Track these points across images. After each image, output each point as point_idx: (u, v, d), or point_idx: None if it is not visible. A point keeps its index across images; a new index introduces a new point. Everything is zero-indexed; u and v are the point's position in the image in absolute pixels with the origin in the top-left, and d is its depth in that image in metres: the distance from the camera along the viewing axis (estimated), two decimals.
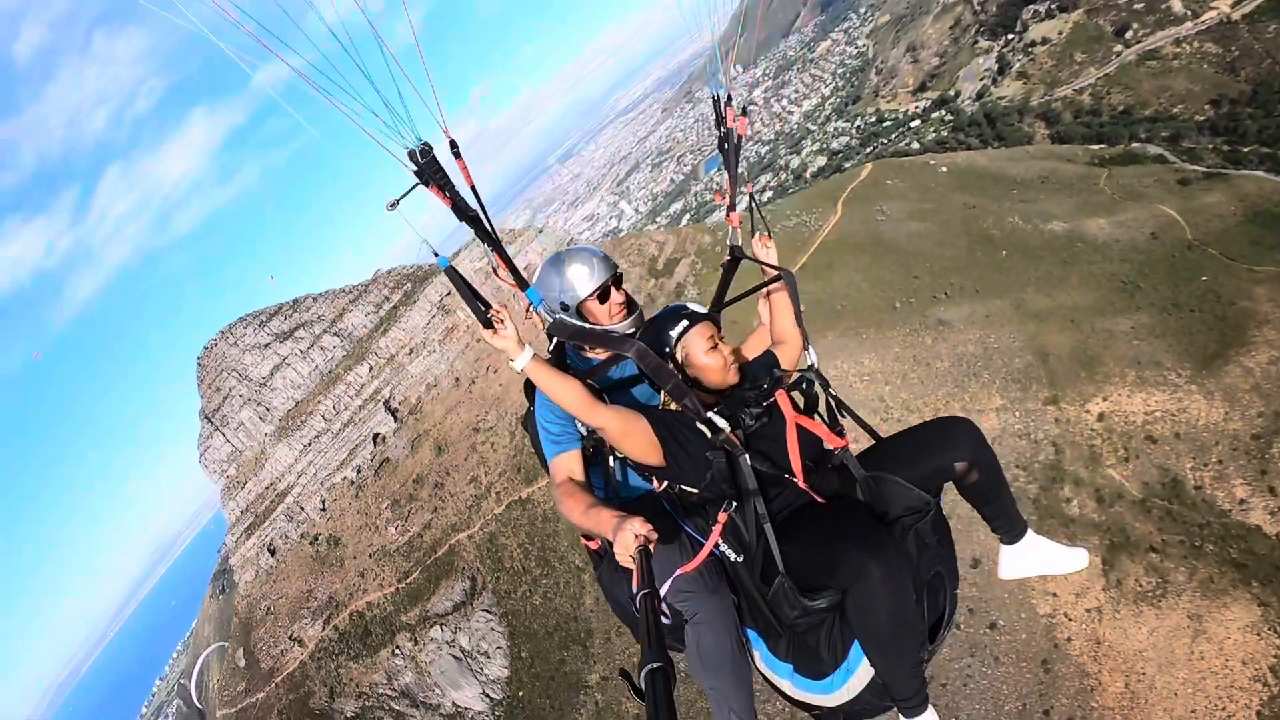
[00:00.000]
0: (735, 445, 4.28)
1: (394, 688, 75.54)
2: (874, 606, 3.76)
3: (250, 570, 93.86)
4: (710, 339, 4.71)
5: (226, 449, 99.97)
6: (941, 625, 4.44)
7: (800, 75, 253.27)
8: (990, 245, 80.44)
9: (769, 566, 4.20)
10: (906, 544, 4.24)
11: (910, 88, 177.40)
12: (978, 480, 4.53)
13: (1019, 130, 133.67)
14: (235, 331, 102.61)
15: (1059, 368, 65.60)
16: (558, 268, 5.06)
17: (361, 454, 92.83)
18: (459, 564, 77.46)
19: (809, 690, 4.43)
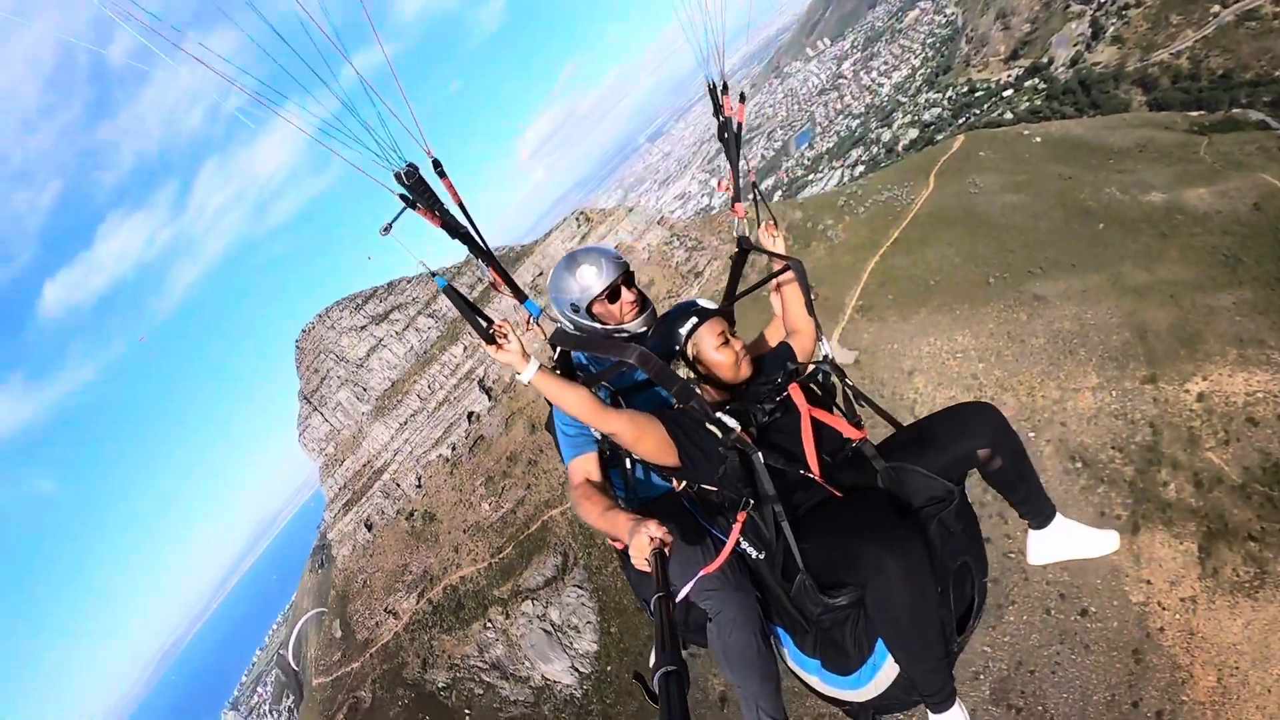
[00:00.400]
0: (747, 444, 4.30)
1: (485, 660, 76.90)
2: (893, 602, 3.75)
3: (348, 545, 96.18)
4: (721, 335, 4.76)
5: (325, 428, 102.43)
6: (971, 615, 4.46)
7: (889, 46, 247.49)
8: (1087, 217, 77.80)
9: (789, 564, 4.23)
10: (930, 534, 4.18)
11: (1002, 56, 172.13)
12: (1001, 466, 4.48)
13: (1115, 97, 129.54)
14: (332, 315, 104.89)
15: (1157, 345, 63.15)
16: (568, 269, 5.18)
17: (456, 432, 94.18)
18: (551, 540, 78.32)
19: (837, 686, 4.48)
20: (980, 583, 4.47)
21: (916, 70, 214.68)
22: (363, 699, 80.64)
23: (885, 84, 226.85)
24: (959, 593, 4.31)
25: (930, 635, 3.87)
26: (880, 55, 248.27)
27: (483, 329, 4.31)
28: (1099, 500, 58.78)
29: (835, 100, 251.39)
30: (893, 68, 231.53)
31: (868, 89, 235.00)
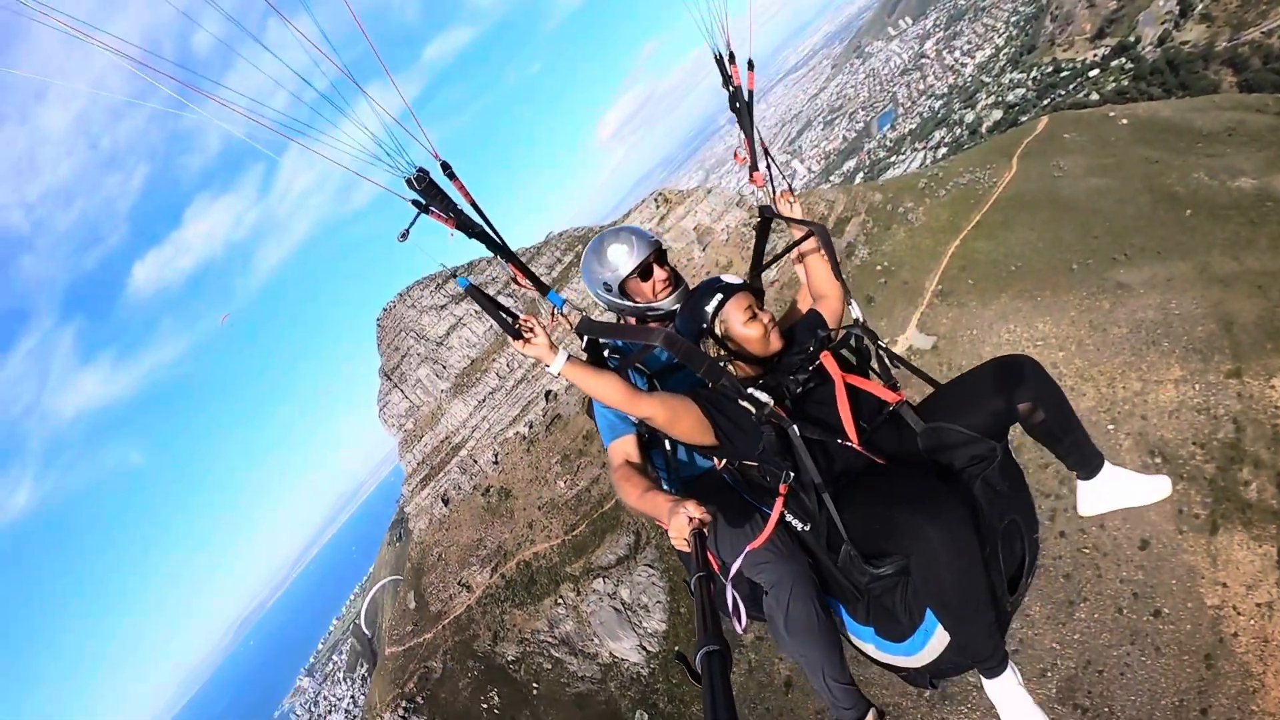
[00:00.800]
0: (782, 418, 4.30)
1: (554, 635, 78.00)
2: (937, 570, 3.72)
3: (424, 519, 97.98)
4: (747, 309, 4.73)
5: (404, 404, 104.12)
6: (1022, 574, 4.44)
7: (972, 25, 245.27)
8: (1174, 203, 75.72)
9: (833, 535, 4.23)
10: (975, 494, 4.12)
11: (1087, 34, 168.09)
12: (1045, 419, 4.40)
13: (1204, 78, 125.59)
14: (412, 294, 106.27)
15: (1244, 338, 60.64)
16: (598, 250, 5.27)
17: (534, 410, 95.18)
18: (624, 519, 78.68)
19: (892, 652, 4.48)
20: (1031, 539, 4.43)
21: (1000, 50, 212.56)
22: (433, 669, 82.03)
23: (969, 64, 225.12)
24: (1008, 551, 4.28)
25: (977, 601, 3.83)
26: (963, 34, 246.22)
27: (508, 325, 4.32)
28: (1178, 497, 57.13)
29: (918, 81, 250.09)
30: (976, 47, 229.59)
31: (951, 69, 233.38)
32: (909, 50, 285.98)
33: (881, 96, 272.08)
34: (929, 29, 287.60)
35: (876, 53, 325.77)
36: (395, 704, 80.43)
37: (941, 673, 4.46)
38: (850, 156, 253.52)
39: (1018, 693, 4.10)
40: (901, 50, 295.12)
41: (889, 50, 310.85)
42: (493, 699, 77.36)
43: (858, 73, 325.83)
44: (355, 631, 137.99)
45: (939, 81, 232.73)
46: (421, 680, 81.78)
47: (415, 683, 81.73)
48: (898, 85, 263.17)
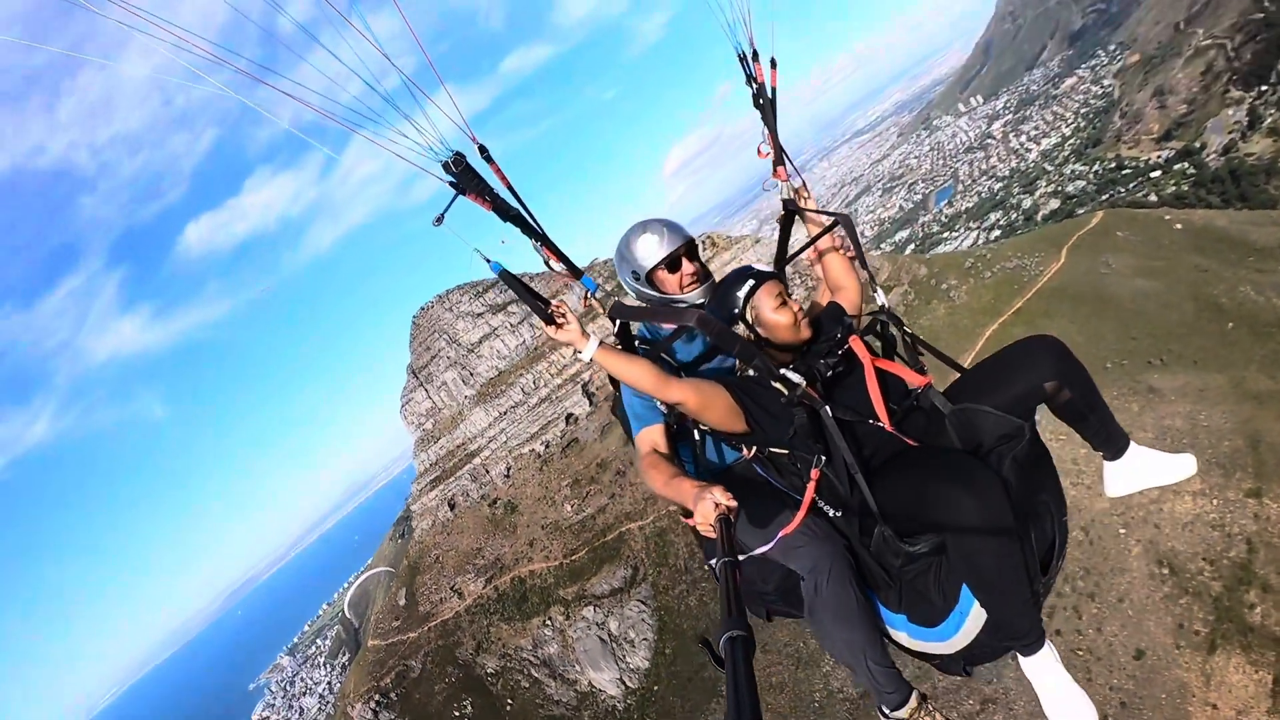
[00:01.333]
0: (814, 399, 4.30)
1: (537, 656, 78.13)
2: (975, 543, 3.72)
3: (428, 519, 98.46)
4: (778, 296, 4.76)
5: (427, 404, 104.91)
6: (1053, 556, 4.41)
7: (1042, 111, 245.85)
8: (1217, 314, 75.17)
9: (867, 517, 4.21)
10: (1005, 473, 4.07)
11: (1154, 135, 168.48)
12: (1070, 398, 4.44)
13: (1265, 192, 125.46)
14: (452, 297, 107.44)
15: (1269, 458, 59.64)
16: (633, 237, 5.24)
17: (553, 430, 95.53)
18: (625, 551, 79.18)
19: (926, 639, 4.44)
20: (1060, 521, 4.42)
21: (1066, 139, 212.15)
22: (412, 668, 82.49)
23: (1033, 149, 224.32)
24: (1039, 531, 4.27)
25: (1016, 575, 3.88)
26: (1032, 119, 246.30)
27: (541, 310, 4.39)
28: (1180, 611, 56.52)
29: (981, 160, 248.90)
30: (1043, 134, 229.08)
31: (1015, 152, 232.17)
32: (976, 129, 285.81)
33: (943, 171, 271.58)
34: (999, 110, 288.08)
35: (944, 127, 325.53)
36: (369, 696, 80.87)
37: (975, 658, 4.48)
38: (904, 227, 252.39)
39: (1056, 669, 4.20)
40: (969, 128, 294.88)
41: (956, 126, 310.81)
42: (466, 708, 77.62)
43: (923, 144, 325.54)
44: (343, 620, 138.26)
45: (1002, 164, 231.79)
46: (399, 677, 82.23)
47: (392, 679, 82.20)
48: (961, 162, 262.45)
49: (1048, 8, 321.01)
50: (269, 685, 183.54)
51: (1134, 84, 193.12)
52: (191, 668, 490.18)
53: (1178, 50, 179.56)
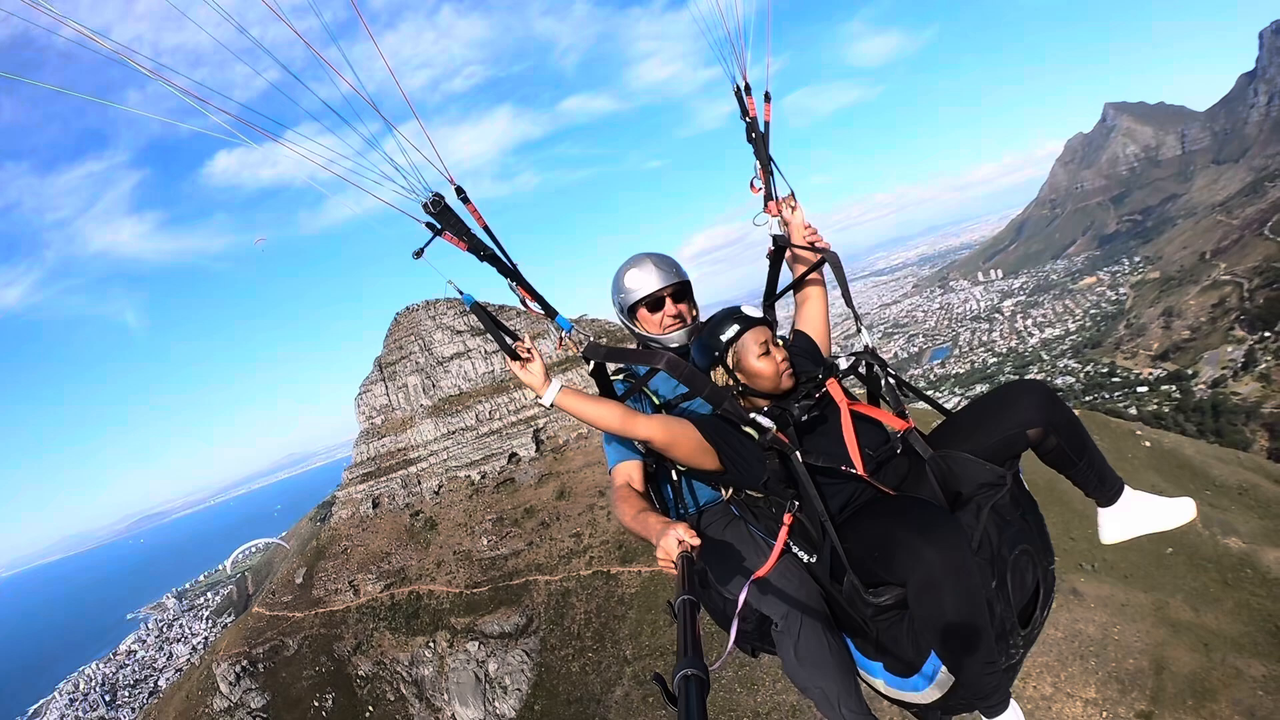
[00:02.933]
0: (784, 443, 4.14)
1: (410, 674, 78.47)
2: (934, 596, 3.56)
3: (349, 510, 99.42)
4: (763, 344, 4.54)
5: (383, 400, 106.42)
6: (1037, 607, 4.20)
7: (1054, 301, 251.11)
8: (1159, 537, 72.23)
9: (837, 565, 4.07)
10: (983, 522, 3.96)
11: (1153, 352, 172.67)
12: (1057, 445, 4.28)
13: (1240, 432, 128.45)
14: (438, 307, 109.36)
15: (1169, 686, 59.42)
16: (624, 269, 5.14)
17: (494, 463, 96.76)
18: (525, 600, 79.54)
19: (901, 688, 4.24)
20: (1045, 570, 4.25)
21: (1070, 333, 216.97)
22: (287, 646, 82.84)
23: (1036, 335, 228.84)
24: (1018, 581, 4.05)
25: (978, 631, 3.67)
26: (1043, 306, 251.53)
27: (508, 346, 4.34)
28: None
29: (984, 331, 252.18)
30: (1049, 322, 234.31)
31: (1018, 333, 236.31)
32: (989, 300, 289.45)
33: (946, 332, 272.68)
34: (1014, 288, 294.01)
35: (959, 290, 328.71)
36: (237, 659, 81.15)
37: (952, 708, 4.23)
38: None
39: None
40: (982, 298, 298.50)
41: (971, 293, 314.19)
42: (326, 702, 77.85)
43: (934, 301, 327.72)
44: (239, 581, 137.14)
45: (1003, 340, 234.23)
46: (272, 650, 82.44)
47: (265, 650, 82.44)
48: (965, 328, 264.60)
49: (1087, 206, 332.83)
50: (147, 620, 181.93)
51: (1147, 298, 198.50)
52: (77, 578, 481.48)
53: (1196, 278, 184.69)
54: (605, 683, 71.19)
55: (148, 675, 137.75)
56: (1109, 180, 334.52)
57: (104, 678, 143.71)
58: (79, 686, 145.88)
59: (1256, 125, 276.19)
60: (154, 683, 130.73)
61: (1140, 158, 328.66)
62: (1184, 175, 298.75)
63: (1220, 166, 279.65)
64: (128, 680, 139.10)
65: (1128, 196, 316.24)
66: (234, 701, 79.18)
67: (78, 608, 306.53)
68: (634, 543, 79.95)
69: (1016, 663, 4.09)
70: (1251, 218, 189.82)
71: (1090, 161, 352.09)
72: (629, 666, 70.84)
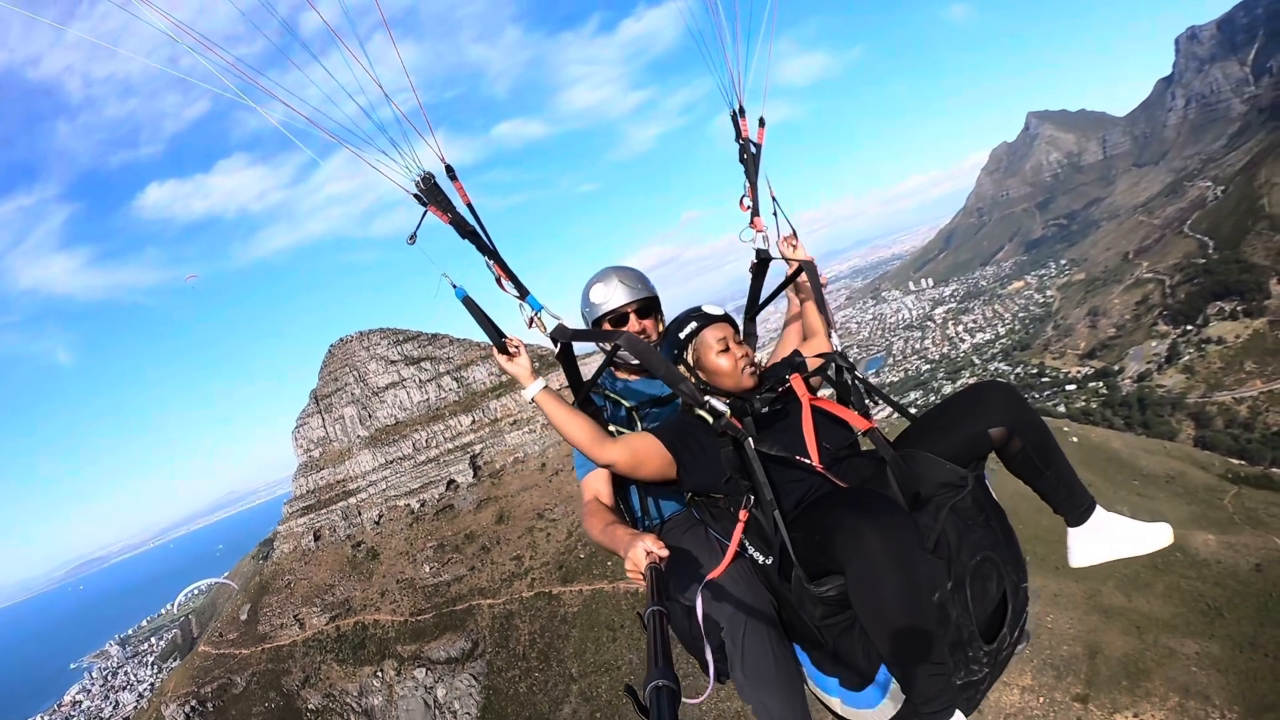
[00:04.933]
0: (737, 429, 4.02)
1: (360, 704, 79.17)
2: (873, 583, 3.29)
3: (290, 543, 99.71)
4: (721, 340, 4.49)
5: (320, 433, 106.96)
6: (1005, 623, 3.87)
7: (984, 306, 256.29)
8: None
9: (785, 560, 3.83)
10: (941, 522, 3.74)
11: (1080, 351, 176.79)
12: (1022, 448, 4.05)
13: (1165, 423, 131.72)
14: (371, 338, 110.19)
15: (1103, 669, 61.60)
16: (593, 282, 5.19)
17: (433, 491, 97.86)
18: (470, 625, 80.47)
19: (855, 705, 4.01)
20: (1013, 583, 3.93)
21: (1000, 337, 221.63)
22: (235, 684, 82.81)
23: (967, 340, 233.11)
24: (979, 589, 3.75)
25: (922, 625, 3.35)
26: (973, 312, 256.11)
27: (498, 339, 4.37)
28: None
29: (917, 339, 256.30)
30: (979, 328, 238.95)
31: (949, 339, 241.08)
32: (920, 309, 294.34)
33: (880, 341, 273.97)
34: (945, 296, 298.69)
35: (891, 300, 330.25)
36: (186, 699, 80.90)
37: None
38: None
39: None
40: (914, 307, 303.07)
41: (903, 302, 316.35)
42: None
43: (867, 312, 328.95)
44: (183, 625, 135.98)
45: (935, 347, 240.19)
46: (220, 689, 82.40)
47: (214, 689, 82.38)
48: (898, 337, 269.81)
49: (1013, 213, 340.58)
50: (91, 670, 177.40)
51: (1073, 300, 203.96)
52: (13, 629, 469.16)
53: (1120, 277, 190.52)
54: (553, 701, 72.18)
55: None
56: (1034, 187, 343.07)
57: None
58: None
59: (1175, 128, 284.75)
60: None
61: (1063, 164, 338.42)
62: (1106, 179, 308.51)
63: (1141, 169, 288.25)
64: None
65: (1052, 202, 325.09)
66: None
67: (17, 659, 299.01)
68: (573, 563, 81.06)
69: (979, 681, 3.77)
70: (1172, 217, 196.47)
71: (1015, 170, 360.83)
72: (575, 684, 71.80)
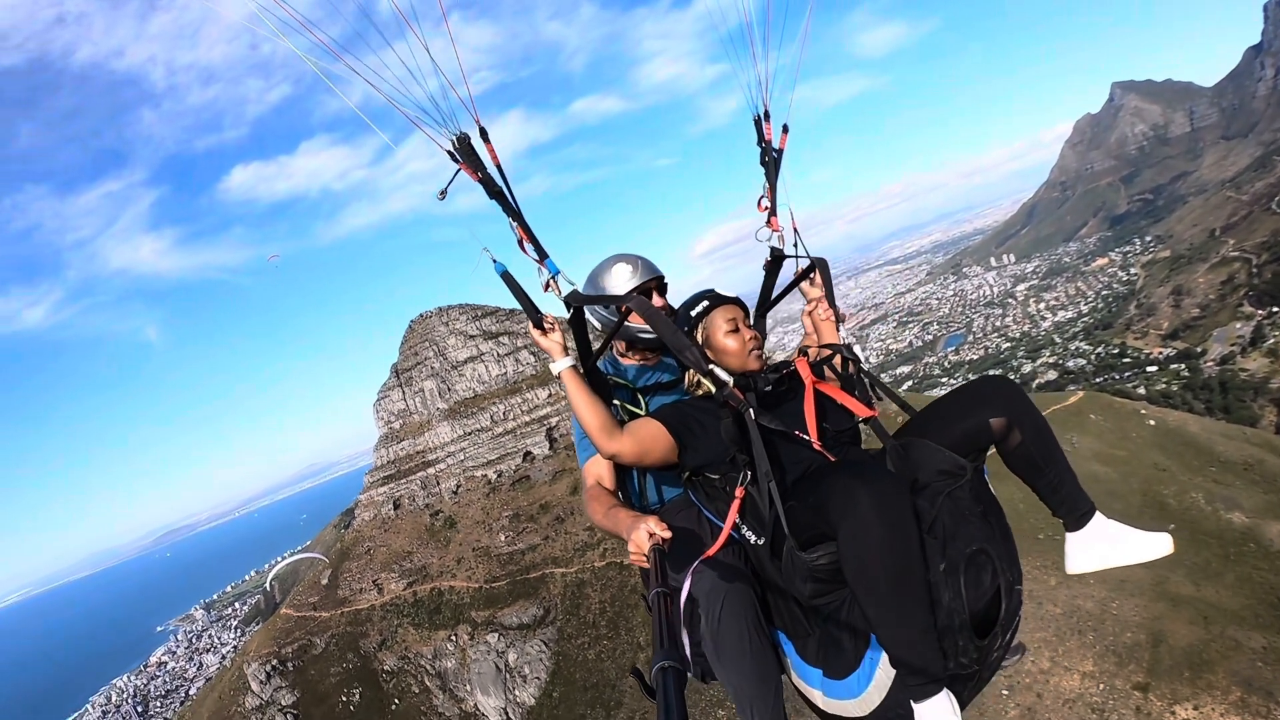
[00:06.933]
0: (739, 399, 4.02)
1: (434, 666, 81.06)
2: (865, 541, 3.21)
3: (371, 512, 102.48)
4: (731, 321, 4.53)
5: (400, 405, 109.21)
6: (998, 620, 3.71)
7: (1067, 284, 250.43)
8: (1161, 513, 73.96)
9: (778, 534, 3.76)
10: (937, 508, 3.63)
11: (1163, 331, 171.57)
12: (1021, 442, 4.04)
13: (1248, 409, 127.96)
14: (450, 313, 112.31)
15: (1165, 658, 58.74)
16: (604, 265, 5.20)
17: (509, 462, 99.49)
18: (542, 592, 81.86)
19: (838, 696, 3.91)
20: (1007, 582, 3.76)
21: (1081, 316, 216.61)
22: (315, 645, 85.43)
23: (1049, 319, 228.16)
24: (972, 578, 3.61)
25: (911, 590, 3.32)
26: (1055, 289, 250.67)
27: (535, 314, 4.42)
28: None
29: (998, 316, 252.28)
30: (1061, 305, 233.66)
31: (1030, 317, 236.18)
32: (1002, 285, 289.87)
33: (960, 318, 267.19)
34: (1027, 273, 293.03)
35: (972, 276, 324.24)
36: (267, 659, 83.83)
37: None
38: (908, 362, 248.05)
39: None
40: (995, 283, 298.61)
41: (984, 278, 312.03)
42: (354, 697, 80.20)
43: (948, 288, 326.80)
44: (266, 592, 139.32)
45: (1016, 325, 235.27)
46: (300, 650, 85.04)
47: (294, 649, 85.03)
48: (978, 314, 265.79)
49: (1097, 187, 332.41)
50: (176, 632, 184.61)
51: (1158, 278, 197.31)
52: (105, 593, 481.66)
53: (1206, 255, 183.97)
54: (620, 669, 73.14)
55: (179, 685, 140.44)
56: (1118, 160, 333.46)
57: (135, 689, 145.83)
58: (111, 699, 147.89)
59: (1264, 99, 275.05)
60: (185, 693, 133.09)
61: (1149, 136, 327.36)
62: (1193, 152, 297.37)
63: (1229, 142, 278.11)
64: (159, 691, 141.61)
65: (1137, 176, 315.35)
66: (265, 699, 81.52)
67: (107, 622, 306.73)
68: None
69: (967, 677, 3.65)
70: (1260, 193, 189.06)
71: (1099, 142, 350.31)
72: (642, 653, 72.16)
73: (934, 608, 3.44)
